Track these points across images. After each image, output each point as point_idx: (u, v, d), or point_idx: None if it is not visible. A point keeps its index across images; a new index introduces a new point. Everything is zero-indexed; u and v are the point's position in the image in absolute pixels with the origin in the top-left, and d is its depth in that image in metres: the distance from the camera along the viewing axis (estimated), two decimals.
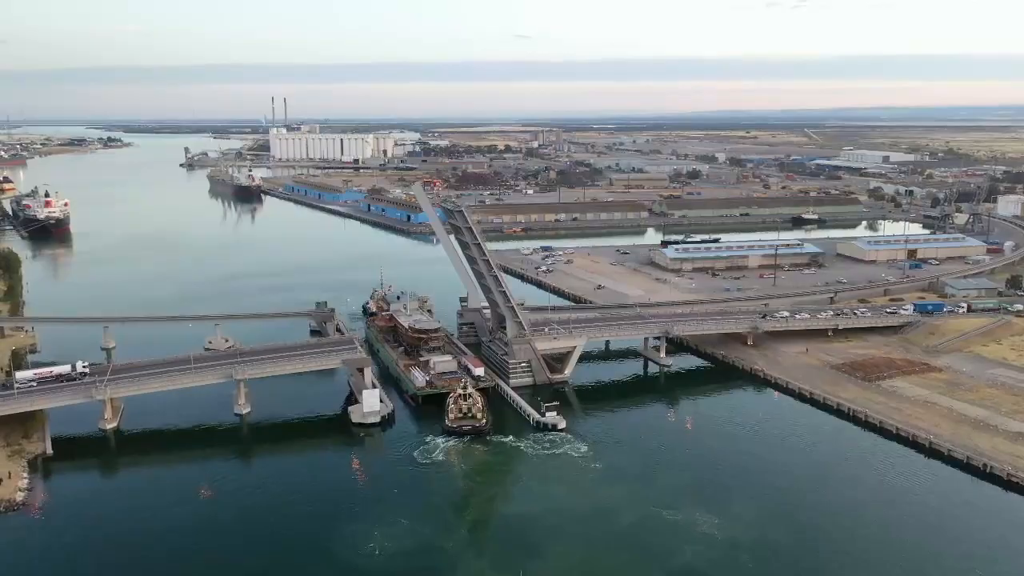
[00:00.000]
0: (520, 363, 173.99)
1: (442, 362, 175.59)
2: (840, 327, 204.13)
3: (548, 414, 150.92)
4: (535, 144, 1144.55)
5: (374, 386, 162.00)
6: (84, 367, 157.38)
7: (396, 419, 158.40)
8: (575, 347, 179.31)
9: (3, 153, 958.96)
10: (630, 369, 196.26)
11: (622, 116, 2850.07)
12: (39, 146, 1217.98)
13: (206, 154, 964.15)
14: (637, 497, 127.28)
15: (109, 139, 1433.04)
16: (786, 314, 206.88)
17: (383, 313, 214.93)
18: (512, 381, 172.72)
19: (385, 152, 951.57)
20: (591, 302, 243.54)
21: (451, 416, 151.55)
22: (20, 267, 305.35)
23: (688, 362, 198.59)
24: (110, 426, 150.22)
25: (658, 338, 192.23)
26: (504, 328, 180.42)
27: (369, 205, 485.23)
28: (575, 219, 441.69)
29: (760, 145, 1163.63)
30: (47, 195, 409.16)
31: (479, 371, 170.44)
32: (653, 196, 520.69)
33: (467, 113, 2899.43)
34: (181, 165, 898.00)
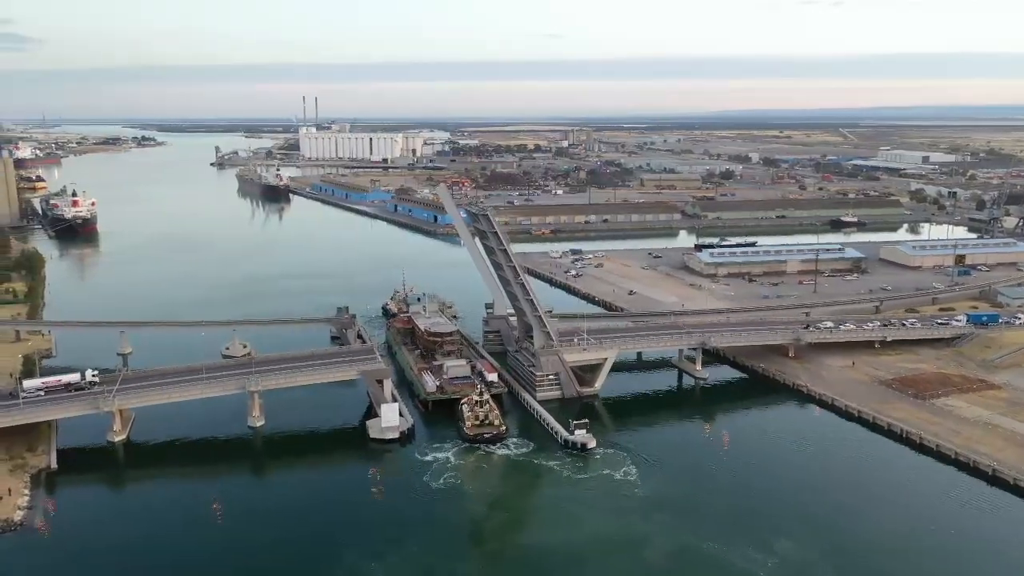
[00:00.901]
0: (547, 375, 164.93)
1: (455, 367, 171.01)
2: (888, 339, 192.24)
3: (577, 432, 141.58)
4: (565, 143, 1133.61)
5: (394, 399, 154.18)
6: (94, 376, 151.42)
7: (415, 432, 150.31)
8: (606, 359, 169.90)
9: (39, 152, 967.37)
10: (663, 381, 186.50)
11: (652, 115, 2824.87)
12: (75, 145, 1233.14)
13: (236, 153, 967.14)
14: (672, 526, 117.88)
15: (143, 138, 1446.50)
16: (830, 324, 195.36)
17: (402, 315, 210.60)
18: (539, 394, 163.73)
19: (414, 151, 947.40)
20: (623, 309, 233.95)
21: (468, 424, 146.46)
22: (43, 267, 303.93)
23: (724, 374, 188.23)
24: (119, 438, 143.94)
25: (694, 349, 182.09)
26: (531, 338, 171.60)
27: (396, 205, 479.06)
28: (605, 221, 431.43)
29: (794, 145, 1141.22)
30: (74, 194, 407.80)
31: (492, 376, 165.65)
32: (685, 197, 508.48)
33: (497, 112, 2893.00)
34: (212, 164, 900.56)
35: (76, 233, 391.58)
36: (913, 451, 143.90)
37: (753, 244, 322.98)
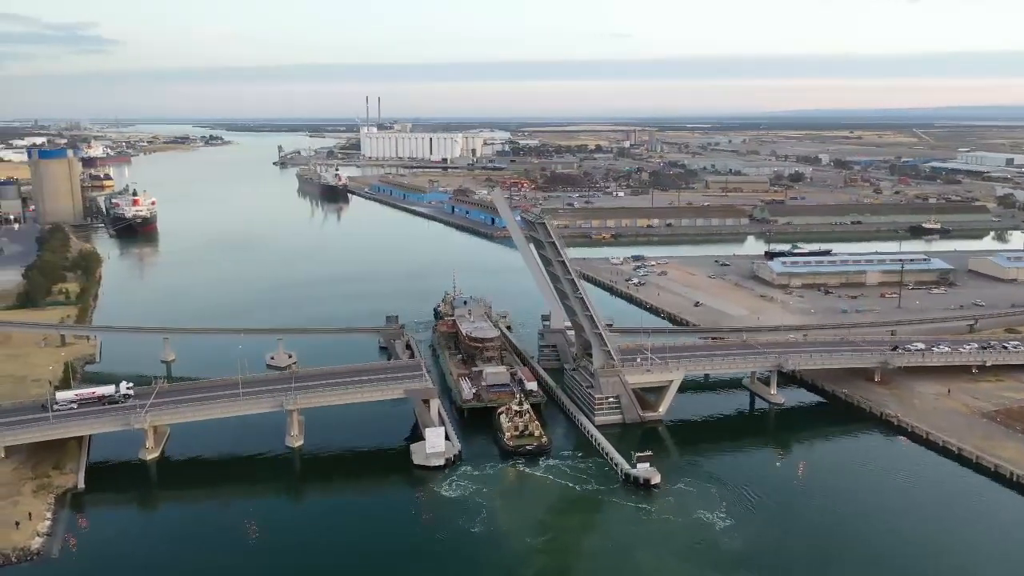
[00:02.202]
0: (607, 398, 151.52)
1: (494, 374, 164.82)
2: (988, 363, 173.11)
3: (640, 466, 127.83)
4: (627, 144, 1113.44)
5: (441, 420, 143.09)
6: (128, 388, 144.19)
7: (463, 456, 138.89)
8: (672, 381, 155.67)
9: (110, 151, 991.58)
10: (733, 404, 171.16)
11: (716, 115, 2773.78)
12: (146, 144, 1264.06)
13: (299, 152, 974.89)
14: None
15: (211, 137, 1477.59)
16: (921, 346, 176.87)
17: (447, 318, 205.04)
18: (597, 419, 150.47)
19: (474, 151, 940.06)
20: (689, 322, 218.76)
21: (507, 435, 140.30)
22: (99, 267, 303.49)
23: (801, 397, 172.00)
24: (151, 456, 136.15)
25: (769, 371, 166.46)
26: (590, 355, 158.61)
27: (453, 207, 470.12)
28: (669, 225, 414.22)
29: (866, 146, 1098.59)
30: (135, 193, 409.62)
31: (532, 385, 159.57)
32: (753, 200, 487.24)
33: (558, 112, 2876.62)
34: (274, 163, 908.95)
35: (136, 232, 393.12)
36: None
37: (828, 252, 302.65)
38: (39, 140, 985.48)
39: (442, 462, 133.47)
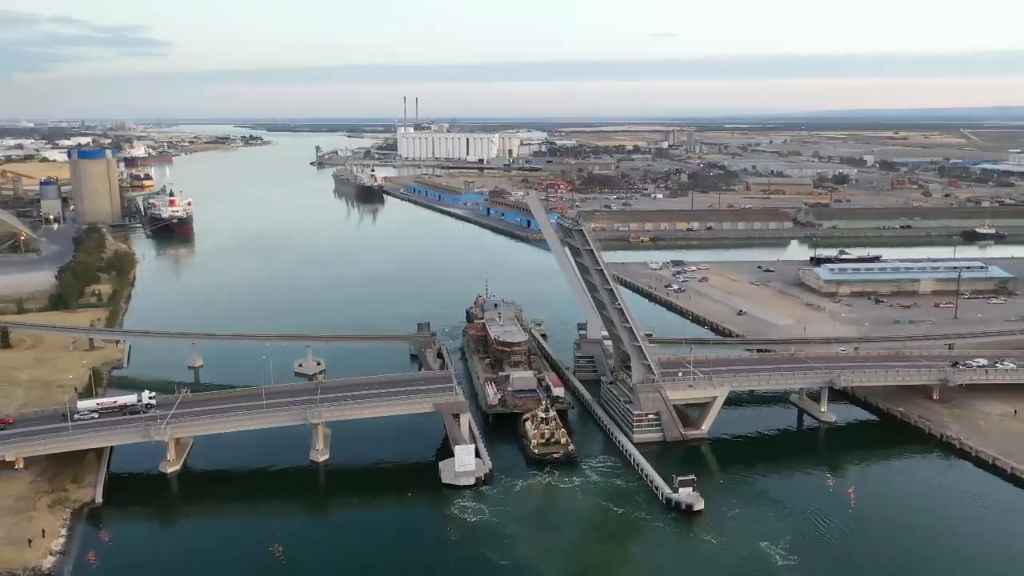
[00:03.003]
0: (647, 415, 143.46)
1: (521, 378, 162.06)
2: None
3: (682, 490, 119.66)
4: (665, 144, 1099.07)
5: (472, 437, 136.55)
6: (151, 398, 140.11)
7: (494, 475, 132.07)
8: (716, 398, 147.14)
9: (152, 151, 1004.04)
10: (779, 421, 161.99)
11: (755, 115, 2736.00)
12: (187, 144, 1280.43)
13: (336, 153, 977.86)
14: None
15: (250, 137, 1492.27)
16: (983, 362, 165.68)
17: (476, 321, 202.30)
18: (636, 436, 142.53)
19: (510, 152, 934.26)
20: (732, 332, 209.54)
21: (533, 443, 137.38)
22: (134, 268, 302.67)
23: (852, 415, 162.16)
24: (172, 469, 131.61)
25: (819, 387, 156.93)
26: (628, 368, 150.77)
27: (488, 208, 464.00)
28: (709, 228, 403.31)
29: (912, 147, 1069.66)
30: (171, 194, 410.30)
31: (558, 391, 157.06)
32: (796, 203, 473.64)
33: (596, 112, 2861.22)
34: (311, 164, 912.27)
35: (172, 233, 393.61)
36: None
37: (877, 258, 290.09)
38: (84, 140, 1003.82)
39: (472, 481, 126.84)
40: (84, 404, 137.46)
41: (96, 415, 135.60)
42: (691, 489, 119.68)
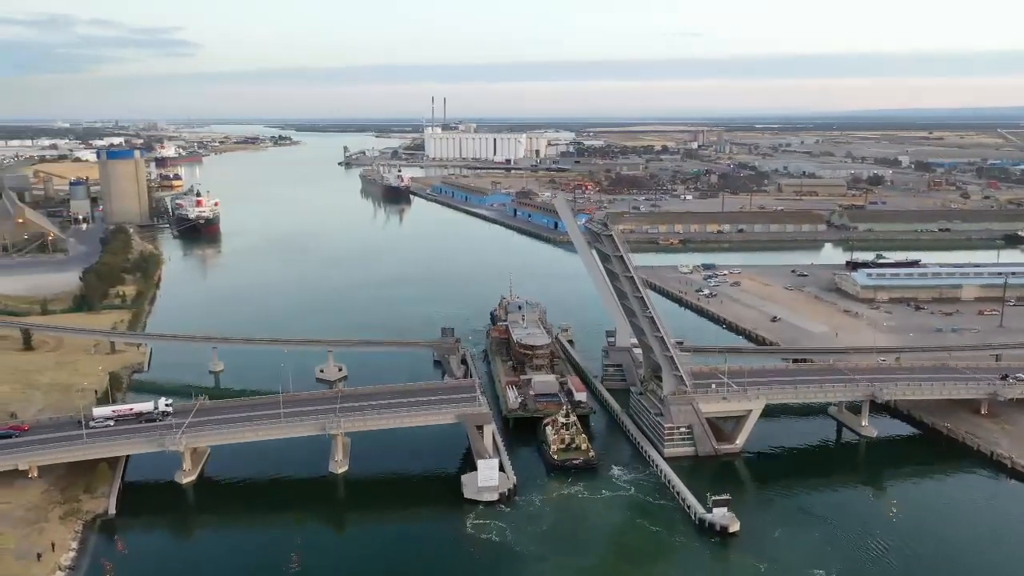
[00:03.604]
0: (678, 428, 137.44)
1: (542, 382, 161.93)
2: None
3: (717, 511, 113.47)
4: (694, 144, 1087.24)
5: (496, 449, 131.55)
6: (167, 405, 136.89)
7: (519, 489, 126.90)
8: (751, 411, 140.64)
9: (182, 151, 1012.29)
10: (816, 434, 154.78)
11: (785, 114, 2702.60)
12: (217, 144, 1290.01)
13: (364, 153, 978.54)
14: None
15: (280, 137, 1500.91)
16: None
17: (499, 323, 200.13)
18: (667, 450, 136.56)
19: (537, 152, 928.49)
20: (766, 340, 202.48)
21: (553, 448, 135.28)
22: (159, 269, 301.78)
23: (894, 429, 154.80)
24: (188, 479, 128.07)
25: (860, 401, 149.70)
26: (659, 379, 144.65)
27: (515, 210, 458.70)
28: (740, 231, 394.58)
29: (947, 147, 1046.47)
30: (198, 194, 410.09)
31: (581, 396, 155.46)
32: (829, 205, 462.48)
33: (624, 112, 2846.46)
34: (339, 164, 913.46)
35: (199, 233, 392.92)
36: None
37: (916, 263, 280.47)
38: (117, 140, 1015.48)
39: (495, 497, 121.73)
40: (99, 411, 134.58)
41: (111, 423, 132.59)
42: (726, 509, 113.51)
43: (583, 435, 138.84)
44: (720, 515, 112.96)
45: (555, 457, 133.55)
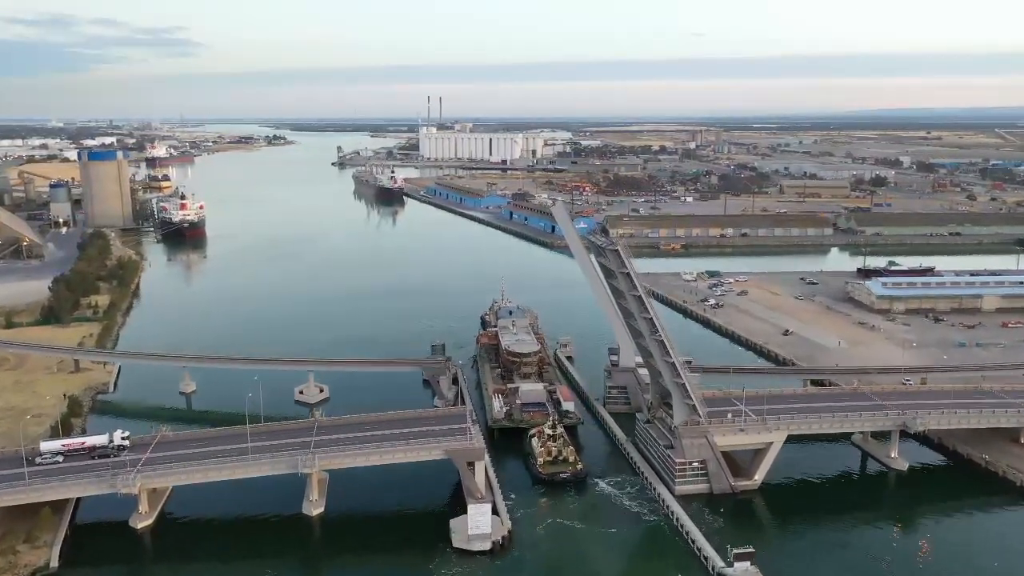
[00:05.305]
0: (690, 463, 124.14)
1: (530, 391, 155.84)
2: None
3: (739, 565, 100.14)
4: (692, 144, 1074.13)
5: (489, 488, 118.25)
6: (123, 439, 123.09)
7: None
8: (771, 443, 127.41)
9: (173, 151, 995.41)
10: (839, 463, 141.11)
11: (783, 114, 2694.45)
12: (210, 144, 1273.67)
13: (358, 153, 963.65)
14: None
15: (273, 137, 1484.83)
16: None
17: (489, 329, 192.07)
18: (678, 488, 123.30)
19: (534, 152, 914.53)
20: (778, 355, 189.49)
21: (540, 461, 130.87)
22: (137, 276, 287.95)
23: (925, 458, 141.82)
24: (143, 524, 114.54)
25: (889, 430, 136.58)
26: (668, 405, 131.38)
27: (511, 212, 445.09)
28: (744, 234, 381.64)
29: (947, 147, 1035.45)
30: (182, 197, 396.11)
31: (568, 405, 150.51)
32: (834, 207, 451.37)
33: (621, 111, 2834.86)
34: (332, 164, 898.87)
35: (184, 236, 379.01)
36: None
37: (931, 270, 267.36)
38: (109, 140, 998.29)
39: (487, 546, 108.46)
40: (47, 446, 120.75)
41: (60, 459, 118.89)
42: (749, 563, 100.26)
43: (570, 447, 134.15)
44: (742, 570, 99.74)
45: (542, 471, 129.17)
